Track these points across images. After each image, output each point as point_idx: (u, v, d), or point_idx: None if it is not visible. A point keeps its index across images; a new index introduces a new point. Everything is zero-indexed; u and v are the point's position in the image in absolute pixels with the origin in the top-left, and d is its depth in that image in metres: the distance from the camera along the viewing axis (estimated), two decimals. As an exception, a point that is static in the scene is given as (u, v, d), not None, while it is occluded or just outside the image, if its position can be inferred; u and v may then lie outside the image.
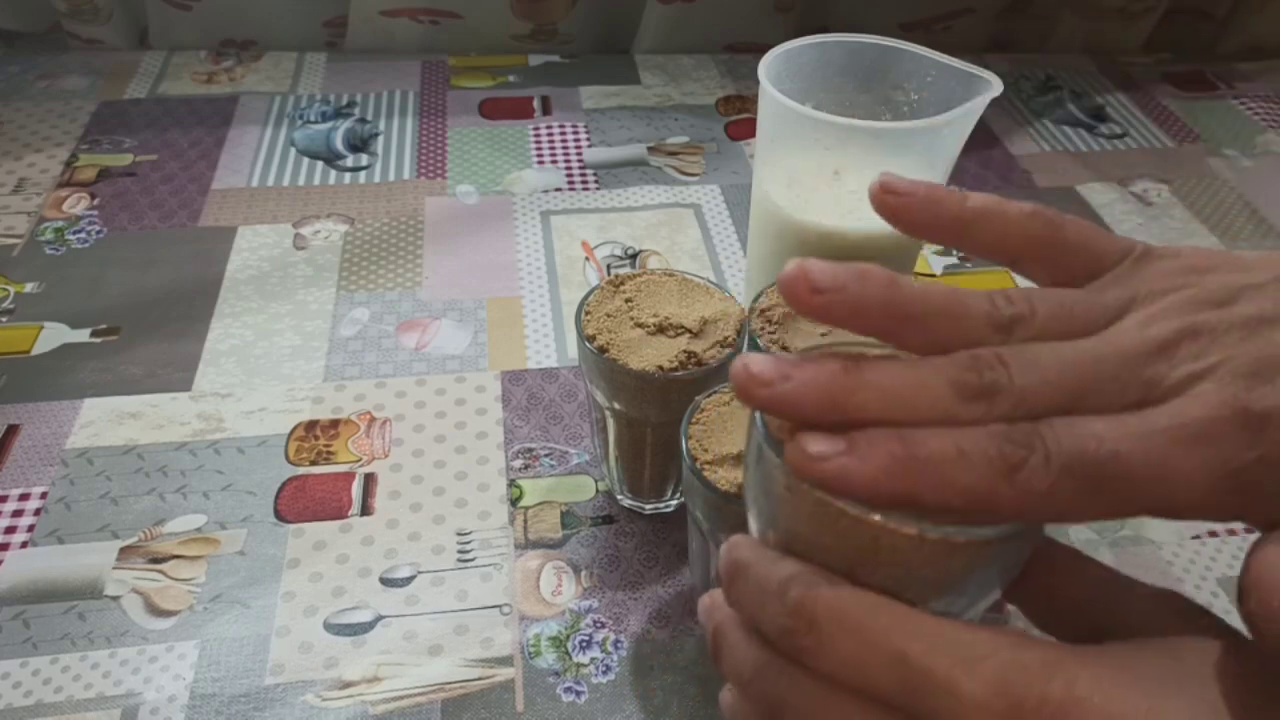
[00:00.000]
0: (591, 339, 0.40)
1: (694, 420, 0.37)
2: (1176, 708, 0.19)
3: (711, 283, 0.44)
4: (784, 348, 0.40)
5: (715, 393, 0.38)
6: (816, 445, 0.21)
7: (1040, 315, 0.23)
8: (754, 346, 0.41)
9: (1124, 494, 0.20)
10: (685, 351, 0.39)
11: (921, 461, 0.20)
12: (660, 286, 0.43)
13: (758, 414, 0.24)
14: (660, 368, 0.39)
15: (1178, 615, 0.22)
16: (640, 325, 0.41)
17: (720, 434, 0.37)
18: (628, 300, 0.42)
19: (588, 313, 0.42)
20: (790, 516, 0.23)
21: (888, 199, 0.25)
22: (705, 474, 0.35)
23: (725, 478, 0.35)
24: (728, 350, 0.40)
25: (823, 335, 0.41)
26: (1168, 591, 0.23)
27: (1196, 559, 0.47)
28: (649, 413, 0.41)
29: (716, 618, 0.25)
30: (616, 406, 0.42)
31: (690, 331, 0.41)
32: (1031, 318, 0.23)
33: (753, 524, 0.25)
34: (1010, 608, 0.43)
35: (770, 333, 0.41)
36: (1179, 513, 0.21)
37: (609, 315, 0.42)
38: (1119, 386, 0.22)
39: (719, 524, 0.36)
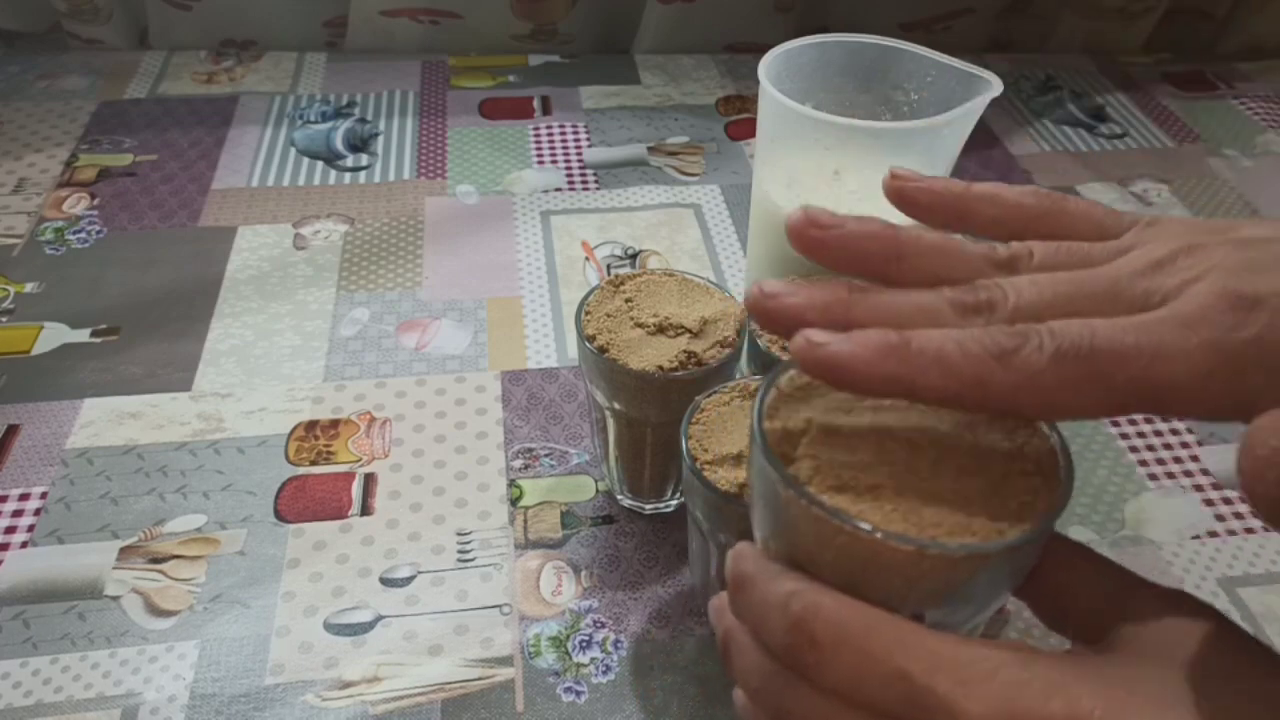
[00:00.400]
0: (591, 339, 0.40)
1: (694, 420, 0.37)
2: None
3: (711, 283, 0.44)
4: (783, 348, 0.40)
5: (715, 393, 0.38)
6: (817, 335, 0.22)
7: (1038, 255, 0.24)
8: (754, 346, 0.41)
9: (1119, 377, 0.20)
10: (685, 351, 0.39)
11: (916, 349, 0.21)
12: (660, 286, 0.43)
13: (758, 428, 0.24)
14: (660, 368, 0.39)
15: (1185, 617, 0.22)
16: (640, 325, 0.41)
17: (720, 434, 0.37)
18: (628, 300, 0.42)
19: (588, 313, 0.42)
20: (791, 530, 0.23)
21: (896, 184, 0.27)
22: (705, 474, 0.35)
23: (725, 478, 0.35)
24: (728, 350, 0.40)
25: None
26: (1175, 592, 0.23)
27: (1196, 559, 0.47)
28: (649, 413, 0.41)
29: (725, 623, 0.25)
30: (616, 406, 0.42)
31: (690, 331, 0.41)
32: (1029, 257, 0.24)
33: (756, 532, 0.25)
34: (1011, 608, 0.43)
35: (770, 333, 0.41)
36: (1174, 401, 0.21)
37: (609, 315, 0.42)
38: (1115, 298, 0.22)
39: (719, 524, 0.36)
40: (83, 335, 0.56)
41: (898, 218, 0.47)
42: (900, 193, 0.27)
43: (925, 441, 0.24)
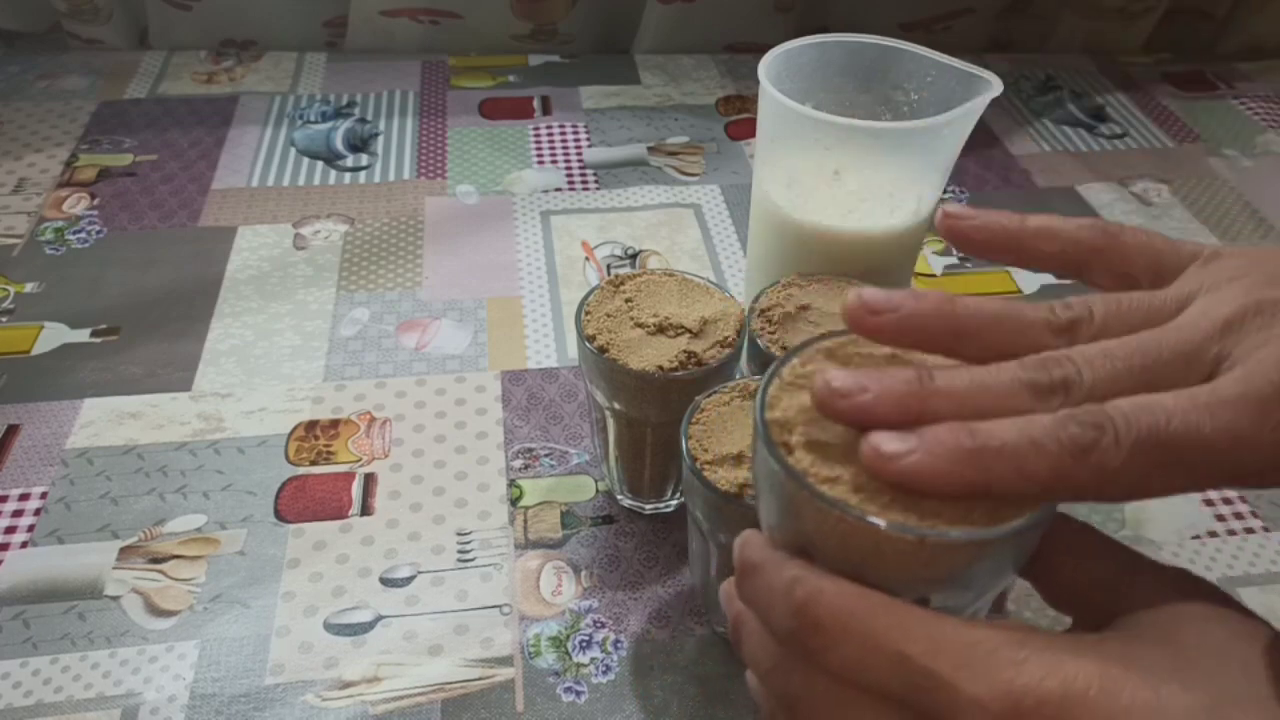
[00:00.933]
0: (591, 339, 0.40)
1: (694, 420, 0.37)
2: (1175, 699, 0.19)
3: (711, 283, 0.44)
4: (783, 348, 0.40)
5: (715, 393, 0.38)
6: (889, 445, 0.21)
7: (1099, 315, 0.24)
8: (754, 346, 0.41)
9: (1198, 464, 0.21)
10: (685, 351, 0.39)
11: (993, 452, 0.21)
12: (660, 286, 0.43)
13: (760, 418, 0.24)
14: (660, 368, 0.39)
15: (1186, 595, 0.22)
16: (640, 325, 0.41)
17: (720, 434, 0.37)
18: (628, 300, 0.42)
19: (588, 313, 0.42)
20: (795, 519, 0.23)
21: (949, 223, 0.27)
22: (705, 474, 0.35)
23: (725, 478, 0.35)
24: (728, 350, 0.40)
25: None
26: (1176, 569, 0.23)
27: (1196, 559, 0.47)
28: (649, 413, 0.41)
29: (735, 608, 0.25)
30: (616, 406, 0.42)
31: (690, 331, 0.41)
32: (1090, 319, 0.23)
33: (762, 520, 0.25)
34: (1012, 606, 0.43)
35: (770, 333, 0.41)
36: (1256, 477, 0.21)
37: (609, 315, 0.42)
38: (1187, 365, 0.22)
39: (719, 524, 0.36)
40: (83, 335, 0.56)
41: (898, 216, 0.47)
42: (955, 231, 0.27)
43: None
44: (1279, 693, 0.19)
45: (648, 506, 0.47)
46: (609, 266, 0.62)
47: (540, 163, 0.71)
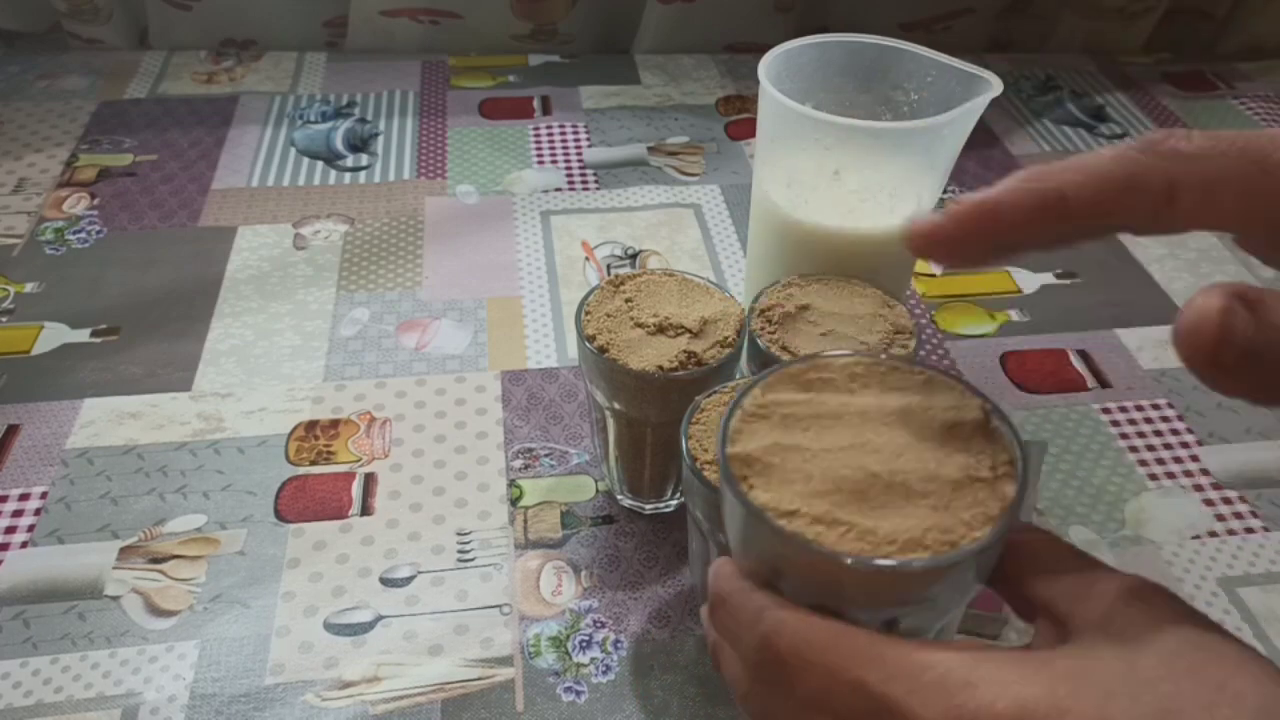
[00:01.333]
0: (591, 339, 0.40)
1: (694, 420, 0.37)
2: (1128, 710, 0.19)
3: (711, 283, 0.44)
4: (784, 348, 0.40)
5: (715, 393, 0.38)
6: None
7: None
8: (754, 346, 0.41)
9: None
10: (685, 351, 0.39)
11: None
12: (660, 286, 0.43)
13: (721, 453, 0.24)
14: (660, 368, 0.39)
15: (1139, 602, 0.22)
16: (640, 325, 0.41)
17: None
18: (628, 300, 0.42)
19: (588, 313, 0.42)
20: (757, 549, 0.24)
21: (916, 231, 0.25)
22: (705, 474, 0.35)
23: None
24: (728, 350, 0.40)
25: (823, 335, 0.41)
26: (1132, 577, 0.23)
27: (1196, 559, 0.47)
28: (649, 413, 0.41)
29: (712, 635, 0.26)
30: (616, 406, 0.42)
31: (690, 331, 0.41)
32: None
33: (731, 548, 0.26)
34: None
35: (770, 333, 0.41)
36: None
37: (609, 315, 0.42)
38: None
39: (719, 524, 0.36)
40: (83, 335, 0.56)
41: (898, 216, 0.47)
42: (924, 237, 0.24)
43: (882, 457, 0.24)
44: (1228, 699, 0.19)
45: (648, 506, 0.47)
46: (609, 266, 0.62)
47: (540, 163, 0.71)
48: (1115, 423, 0.54)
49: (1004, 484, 0.24)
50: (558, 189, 0.69)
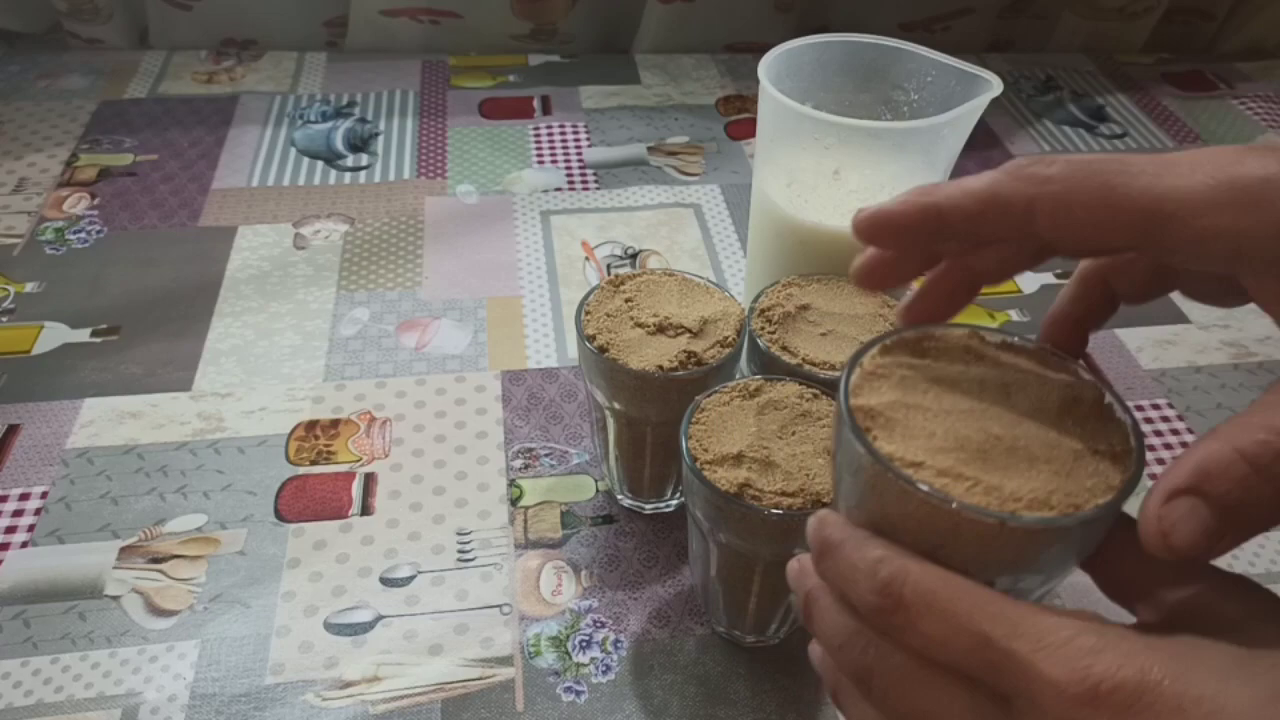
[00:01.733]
0: (592, 339, 0.40)
1: (694, 420, 0.37)
2: (1244, 691, 0.20)
3: (711, 282, 0.44)
4: (784, 348, 0.40)
5: (715, 392, 0.38)
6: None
7: None
8: (754, 346, 0.41)
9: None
10: (685, 351, 0.39)
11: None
12: (660, 286, 0.43)
13: (844, 405, 0.25)
14: (660, 367, 0.39)
15: (1242, 598, 0.23)
16: (640, 325, 0.41)
17: (720, 434, 0.37)
18: (628, 300, 0.42)
19: (588, 312, 0.42)
20: (875, 500, 0.24)
21: (864, 221, 0.27)
22: (705, 474, 0.35)
23: (725, 477, 0.35)
24: (728, 350, 0.40)
25: (823, 335, 0.41)
26: (1235, 576, 0.24)
27: (1196, 559, 0.47)
28: (649, 412, 0.41)
29: (808, 584, 0.26)
30: (616, 406, 0.42)
31: (690, 331, 0.41)
32: None
33: (839, 500, 0.26)
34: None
35: (770, 332, 0.41)
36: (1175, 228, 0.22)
37: (609, 315, 0.42)
38: None
39: (719, 524, 0.36)
40: (83, 335, 0.56)
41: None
42: (869, 227, 0.26)
43: (1003, 423, 0.24)
44: None
45: (648, 506, 0.47)
46: (609, 266, 0.62)
47: (540, 162, 0.71)
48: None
49: (1123, 460, 0.24)
50: (558, 189, 0.69)
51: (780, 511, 0.34)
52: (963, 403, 0.25)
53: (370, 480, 0.48)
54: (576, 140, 0.74)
